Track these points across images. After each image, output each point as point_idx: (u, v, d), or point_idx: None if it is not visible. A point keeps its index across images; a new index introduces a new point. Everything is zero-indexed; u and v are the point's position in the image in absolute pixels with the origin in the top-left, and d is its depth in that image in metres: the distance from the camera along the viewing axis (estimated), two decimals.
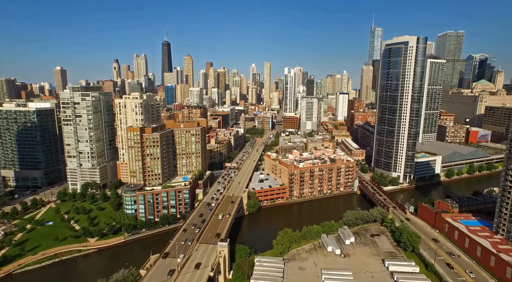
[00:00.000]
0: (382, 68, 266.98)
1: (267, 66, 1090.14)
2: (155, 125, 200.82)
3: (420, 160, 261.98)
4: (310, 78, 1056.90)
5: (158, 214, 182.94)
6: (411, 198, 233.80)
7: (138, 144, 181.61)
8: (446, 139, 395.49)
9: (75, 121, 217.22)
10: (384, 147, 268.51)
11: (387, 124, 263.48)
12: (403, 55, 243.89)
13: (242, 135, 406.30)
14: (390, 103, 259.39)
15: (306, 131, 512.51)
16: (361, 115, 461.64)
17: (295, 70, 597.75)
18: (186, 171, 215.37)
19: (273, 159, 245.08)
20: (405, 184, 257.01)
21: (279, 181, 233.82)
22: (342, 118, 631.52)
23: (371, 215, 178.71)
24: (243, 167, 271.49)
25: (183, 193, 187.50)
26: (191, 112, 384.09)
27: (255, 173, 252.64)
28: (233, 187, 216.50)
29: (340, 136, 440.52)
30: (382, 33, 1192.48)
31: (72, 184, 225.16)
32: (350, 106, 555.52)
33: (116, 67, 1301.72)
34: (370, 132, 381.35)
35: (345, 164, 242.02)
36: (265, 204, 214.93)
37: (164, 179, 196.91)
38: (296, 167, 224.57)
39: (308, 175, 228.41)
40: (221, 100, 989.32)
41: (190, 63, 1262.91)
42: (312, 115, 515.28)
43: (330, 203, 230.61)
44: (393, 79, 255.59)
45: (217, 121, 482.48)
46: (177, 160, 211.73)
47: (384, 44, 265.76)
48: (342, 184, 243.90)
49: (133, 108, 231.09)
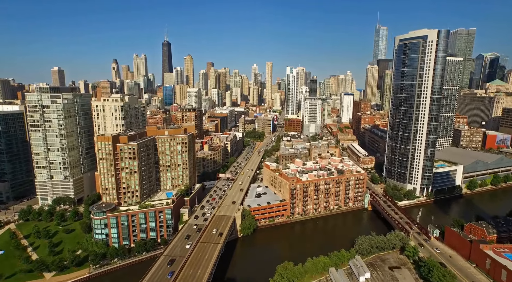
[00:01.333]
0: (396, 66, 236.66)
1: (268, 66, 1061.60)
2: (133, 132, 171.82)
3: (439, 170, 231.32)
4: (313, 79, 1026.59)
5: (134, 238, 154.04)
6: (431, 214, 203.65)
7: (110, 156, 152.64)
8: (461, 144, 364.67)
9: (44, 127, 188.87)
10: (398, 155, 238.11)
11: (402, 129, 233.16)
12: (421, 51, 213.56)
13: (241, 139, 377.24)
14: (405, 106, 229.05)
15: (309, 134, 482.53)
16: (368, 117, 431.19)
17: (298, 70, 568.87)
18: (171, 185, 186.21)
19: (272, 169, 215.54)
20: (422, 197, 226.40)
21: (279, 195, 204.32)
22: (347, 120, 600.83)
23: (389, 242, 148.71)
24: (239, 177, 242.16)
25: (164, 213, 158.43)
26: (185, 115, 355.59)
27: (252, 185, 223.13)
28: (226, 203, 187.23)
29: (346, 140, 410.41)
30: (387, 32, 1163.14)
31: (42, 198, 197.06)
32: (356, 108, 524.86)
33: (115, 67, 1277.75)
34: (379, 136, 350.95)
35: (355, 176, 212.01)
36: (262, 223, 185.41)
37: (144, 196, 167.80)
38: (299, 180, 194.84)
39: (313, 189, 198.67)
40: (221, 102, 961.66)
41: (191, 63, 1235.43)
42: (316, 117, 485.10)
43: (338, 221, 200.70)
44: (408, 79, 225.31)
45: (215, 124, 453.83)
46: (160, 173, 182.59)
47: (398, 39, 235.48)
48: (351, 198, 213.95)
49: (113, 112, 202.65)
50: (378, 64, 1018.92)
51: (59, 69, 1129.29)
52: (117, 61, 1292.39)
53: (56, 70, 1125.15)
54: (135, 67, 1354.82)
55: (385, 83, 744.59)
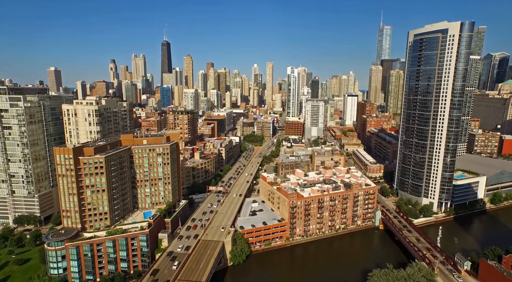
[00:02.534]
0: (410, 65, 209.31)
1: (269, 66, 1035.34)
2: (103, 142, 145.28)
3: (459, 182, 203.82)
4: (315, 79, 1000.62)
5: (101, 272, 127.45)
6: (453, 235, 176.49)
7: (71, 171, 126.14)
8: (475, 150, 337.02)
9: (3, 135, 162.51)
10: (412, 164, 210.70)
11: (417, 136, 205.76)
12: (440, 47, 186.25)
13: (238, 144, 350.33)
14: (420, 110, 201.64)
15: (311, 138, 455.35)
16: (374, 121, 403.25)
17: (299, 70, 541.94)
18: (150, 203, 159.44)
19: (269, 182, 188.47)
20: (440, 214, 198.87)
21: (276, 213, 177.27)
22: (350, 123, 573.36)
23: (410, 279, 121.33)
24: (233, 189, 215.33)
25: (138, 240, 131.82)
26: (177, 118, 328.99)
27: (247, 200, 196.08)
28: (215, 223, 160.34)
29: (351, 145, 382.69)
30: (391, 31, 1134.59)
31: (1, 217, 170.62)
32: (361, 110, 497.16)
33: (112, 67, 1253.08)
34: (387, 142, 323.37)
35: (364, 190, 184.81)
36: (257, 247, 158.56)
37: (115, 218, 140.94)
38: (300, 196, 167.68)
39: (316, 206, 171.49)
40: (221, 103, 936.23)
41: (190, 63, 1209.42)
42: (318, 120, 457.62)
43: (345, 244, 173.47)
44: (425, 78, 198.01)
45: (211, 127, 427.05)
46: (138, 189, 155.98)
47: (412, 34, 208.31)
48: (360, 216, 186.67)
49: (86, 117, 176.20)
50: (382, 64, 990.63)
51: (55, 69, 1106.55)
52: (115, 61, 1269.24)
53: (52, 70, 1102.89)
54: (134, 67, 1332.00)
55: (390, 84, 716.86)
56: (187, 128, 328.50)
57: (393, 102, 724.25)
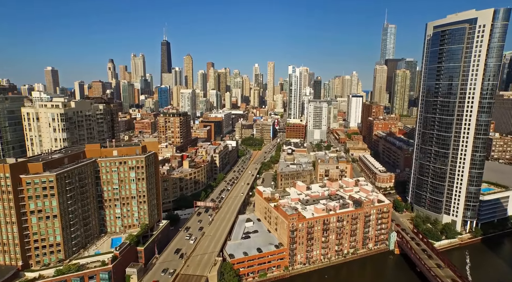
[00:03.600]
0: (428, 61, 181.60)
1: (270, 66, 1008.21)
2: (58, 155, 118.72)
3: (487, 197, 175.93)
4: (317, 80, 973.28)
5: None
6: (484, 263, 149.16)
7: (9, 194, 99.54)
8: (492, 155, 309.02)
9: None
10: (430, 176, 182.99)
11: (436, 144, 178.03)
12: (467, 40, 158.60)
13: (234, 149, 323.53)
14: (441, 113, 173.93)
15: (313, 141, 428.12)
16: (381, 123, 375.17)
17: (301, 69, 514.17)
18: (122, 226, 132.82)
19: (266, 198, 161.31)
20: (465, 234, 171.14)
21: (274, 235, 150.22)
22: (355, 125, 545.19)
23: None
24: (225, 203, 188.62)
25: (98, 279, 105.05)
26: (168, 121, 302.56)
27: (240, 218, 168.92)
28: (200, 250, 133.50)
29: (356, 150, 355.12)
30: (396, 30, 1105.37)
31: None
32: (366, 112, 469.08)
33: (111, 67, 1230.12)
34: (397, 147, 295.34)
35: (377, 208, 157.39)
36: (250, 279, 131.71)
37: (71, 250, 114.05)
38: (301, 217, 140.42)
39: (320, 228, 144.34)
40: (221, 104, 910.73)
41: (190, 63, 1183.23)
42: (321, 122, 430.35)
43: (354, 272, 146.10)
44: (446, 77, 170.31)
45: (207, 130, 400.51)
46: (106, 210, 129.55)
47: (430, 26, 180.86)
48: (372, 238, 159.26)
49: (50, 122, 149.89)
50: (386, 64, 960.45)
51: (52, 69, 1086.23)
52: (113, 61, 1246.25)
53: (49, 70, 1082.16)
54: (133, 67, 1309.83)
55: (396, 84, 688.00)
56: (179, 131, 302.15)
57: (399, 103, 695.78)
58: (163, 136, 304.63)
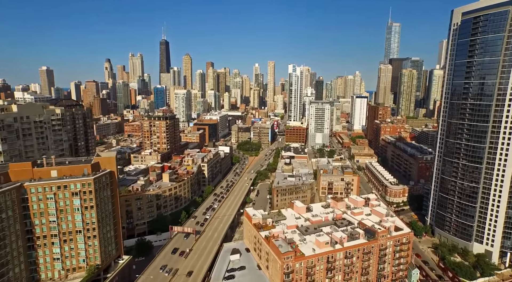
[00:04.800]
0: (455, 56, 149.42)
1: (270, 65, 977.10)
2: None
3: None
4: (319, 79, 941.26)
5: None
6: None
7: None
8: None
9: None
10: (456, 195, 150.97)
11: (465, 156, 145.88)
12: (509, 27, 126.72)
13: (228, 156, 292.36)
14: (472, 119, 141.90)
15: (315, 146, 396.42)
16: (390, 127, 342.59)
17: (301, 68, 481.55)
18: (62, 269, 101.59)
19: (256, 225, 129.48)
20: (504, 269, 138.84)
21: (265, 274, 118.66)
22: (359, 127, 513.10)
23: None
24: (209, 226, 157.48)
25: None
26: (153, 125, 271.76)
27: (225, 247, 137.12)
28: None
29: (362, 156, 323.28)
30: (400, 29, 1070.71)
31: None
32: (372, 114, 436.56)
33: (107, 67, 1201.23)
34: (409, 155, 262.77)
35: (394, 239, 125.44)
36: None
37: None
38: (299, 256, 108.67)
39: (324, 267, 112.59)
40: (219, 104, 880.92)
41: (189, 63, 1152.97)
42: (324, 125, 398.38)
43: None
44: (478, 75, 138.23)
45: (199, 134, 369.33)
46: (38, 251, 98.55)
47: (457, 13, 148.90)
48: (388, 275, 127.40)
49: None
50: (391, 63, 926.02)
51: (47, 69, 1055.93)
52: (110, 60, 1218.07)
53: (44, 70, 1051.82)
54: (131, 67, 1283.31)
55: (402, 84, 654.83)
56: (165, 137, 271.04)
57: (405, 104, 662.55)
58: (148, 142, 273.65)
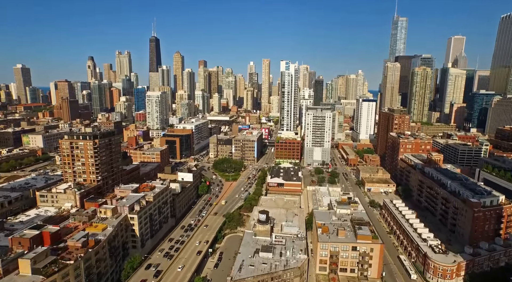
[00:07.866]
0: None
1: (265, 63, 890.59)
2: None
3: None
4: (319, 79, 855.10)
5: None
6: None
7: None
8: None
9: None
10: None
11: None
12: None
13: (191, 186, 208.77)
14: None
15: (312, 163, 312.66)
16: (411, 143, 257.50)
17: (296, 66, 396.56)
18: None
19: None
20: None
21: None
22: (366, 137, 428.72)
23: None
24: None
25: None
26: (76, 146, 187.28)
27: None
28: None
29: (374, 182, 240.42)
30: (407, 23, 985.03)
31: None
32: (384, 122, 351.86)
33: (90, 65, 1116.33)
34: (452, 193, 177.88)
35: None
36: None
37: None
38: None
39: None
40: (208, 107, 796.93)
41: (180, 61, 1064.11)
42: (324, 138, 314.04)
43: None
44: None
45: (161, 151, 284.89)
46: None
47: None
48: None
49: None
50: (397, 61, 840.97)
51: (23, 67, 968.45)
52: (93, 58, 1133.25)
53: (19, 68, 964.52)
54: (118, 66, 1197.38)
55: (414, 84, 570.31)
56: (94, 164, 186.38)
57: (418, 107, 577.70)
58: (69, 171, 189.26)
